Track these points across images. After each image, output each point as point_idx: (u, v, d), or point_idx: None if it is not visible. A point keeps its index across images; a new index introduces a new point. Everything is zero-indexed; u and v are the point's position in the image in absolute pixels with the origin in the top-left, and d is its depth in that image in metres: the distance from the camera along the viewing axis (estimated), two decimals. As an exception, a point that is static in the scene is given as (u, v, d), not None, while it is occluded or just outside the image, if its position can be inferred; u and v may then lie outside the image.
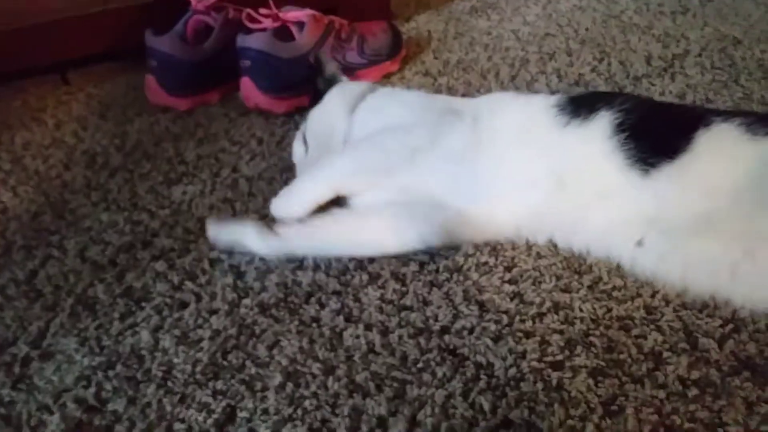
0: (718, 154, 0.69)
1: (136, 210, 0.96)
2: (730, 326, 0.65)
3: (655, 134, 0.73)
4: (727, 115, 0.72)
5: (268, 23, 1.20)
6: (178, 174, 1.04)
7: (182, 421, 0.63)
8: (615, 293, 0.71)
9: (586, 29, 1.44)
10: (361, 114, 0.95)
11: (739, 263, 0.65)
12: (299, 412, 0.62)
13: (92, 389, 0.67)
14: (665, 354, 0.63)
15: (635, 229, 0.71)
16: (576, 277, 0.74)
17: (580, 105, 0.78)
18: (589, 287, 0.72)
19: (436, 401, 0.61)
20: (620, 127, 0.73)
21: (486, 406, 0.60)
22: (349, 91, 0.99)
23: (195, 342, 0.71)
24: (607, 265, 0.75)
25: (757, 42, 1.28)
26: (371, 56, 1.29)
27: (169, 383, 0.67)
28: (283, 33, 1.20)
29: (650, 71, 1.21)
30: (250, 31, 1.19)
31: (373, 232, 0.80)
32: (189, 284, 0.80)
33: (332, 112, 0.98)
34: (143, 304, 0.78)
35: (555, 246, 0.79)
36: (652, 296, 0.70)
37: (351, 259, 0.80)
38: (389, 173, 0.83)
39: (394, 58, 1.33)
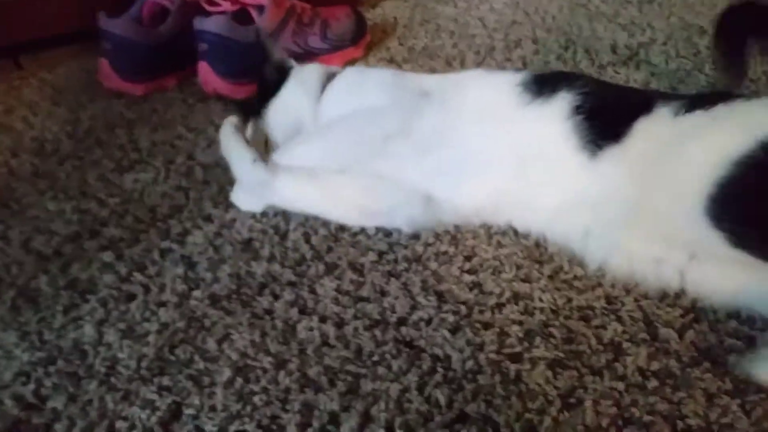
0: (648, 138, 0.68)
1: (85, 198, 0.92)
2: (691, 316, 0.64)
3: (607, 117, 0.71)
4: (674, 98, 0.71)
5: (226, 6, 1.17)
6: (130, 161, 1.01)
7: (125, 419, 0.60)
8: (575, 283, 0.69)
9: (553, 17, 1.43)
10: (333, 95, 0.92)
11: (686, 266, 0.65)
12: (248, 408, 0.59)
13: (31, 386, 0.64)
14: (625, 345, 0.62)
15: (584, 216, 0.70)
16: (537, 266, 0.72)
17: (543, 84, 0.76)
18: (550, 277, 0.71)
19: (391, 395, 0.59)
20: (577, 110, 0.72)
21: (442, 400, 0.58)
22: (308, 77, 0.96)
23: (141, 336, 0.68)
24: (568, 254, 0.73)
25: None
26: (334, 41, 1.26)
27: (113, 379, 0.64)
28: (242, 16, 1.16)
29: (615, 60, 1.20)
30: (208, 14, 1.15)
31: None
32: (137, 275, 0.76)
33: (296, 101, 0.94)
34: (88, 296, 0.74)
35: (516, 235, 0.77)
36: (613, 286, 0.69)
37: (308, 249, 0.78)
38: (360, 161, 0.81)
39: (357, 44, 1.30)
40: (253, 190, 0.84)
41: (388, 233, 0.79)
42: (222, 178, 0.93)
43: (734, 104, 0.65)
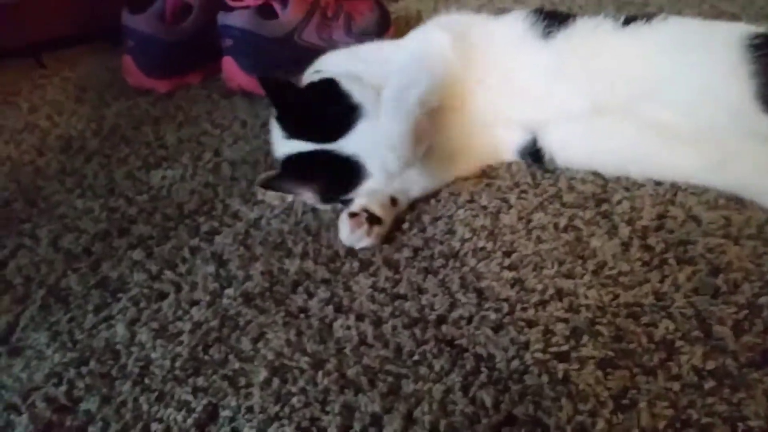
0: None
1: (113, 196, 0.91)
2: (745, 312, 0.61)
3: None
4: None
5: (250, 0, 1.14)
6: (157, 158, 0.99)
7: (160, 420, 0.58)
8: (621, 279, 0.67)
9: (580, 7, 1.40)
10: None
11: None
12: (286, 409, 0.57)
13: (63, 387, 0.63)
14: (678, 343, 0.59)
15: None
16: (579, 261, 0.70)
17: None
18: (594, 272, 0.68)
19: (434, 397, 0.56)
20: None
21: (488, 402, 0.55)
22: None
23: (174, 335, 0.67)
24: (612, 248, 0.70)
25: (755, 18, 1.24)
26: (358, 35, 1.24)
27: (146, 380, 0.62)
28: (266, 10, 1.14)
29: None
30: (231, 9, 1.13)
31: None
32: (168, 273, 0.75)
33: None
34: (119, 295, 0.73)
35: (556, 229, 0.74)
36: (661, 281, 0.66)
37: (341, 245, 0.76)
38: None
39: (382, 36, 1.28)
40: None
41: (422, 228, 0.77)
42: (249, 174, 0.91)
43: None
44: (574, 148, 0.82)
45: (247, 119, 1.07)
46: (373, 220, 0.75)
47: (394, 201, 0.80)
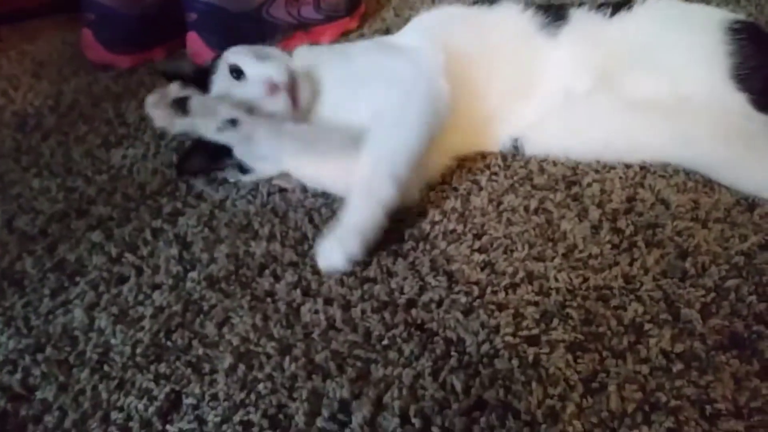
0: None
1: (71, 176, 0.88)
2: (713, 295, 0.61)
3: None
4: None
5: (216, -27, 1.11)
6: (118, 137, 0.96)
7: (120, 409, 0.56)
8: (591, 261, 0.66)
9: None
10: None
11: None
12: (252, 396, 0.56)
13: (18, 375, 0.60)
14: (646, 326, 0.59)
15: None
16: (550, 244, 0.69)
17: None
18: (564, 255, 0.67)
19: (404, 382, 0.56)
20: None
21: (458, 386, 0.55)
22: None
23: (135, 320, 0.64)
24: (582, 231, 0.70)
25: (725, 2, 1.24)
26: (328, 12, 1.21)
27: (106, 367, 0.60)
28: (232, -16, 1.11)
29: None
30: (196, -18, 1.09)
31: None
32: (129, 256, 0.72)
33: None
34: (77, 279, 0.70)
35: (526, 211, 0.74)
36: (630, 264, 0.66)
37: (310, 228, 0.74)
38: None
39: (353, 15, 1.25)
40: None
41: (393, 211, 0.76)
42: (215, 154, 0.89)
43: None
44: (551, 137, 0.82)
45: (212, 97, 1.04)
46: (179, 106, 0.73)
47: (233, 122, 0.74)
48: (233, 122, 0.72)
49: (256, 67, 0.78)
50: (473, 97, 0.81)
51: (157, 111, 0.72)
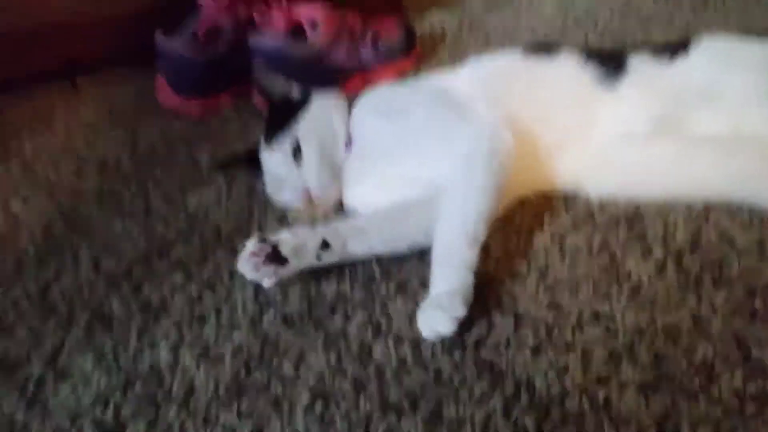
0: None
1: (151, 218, 0.93)
2: (784, 334, 0.62)
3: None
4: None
5: (280, 22, 1.17)
6: (192, 181, 1.01)
7: (207, 444, 0.59)
8: (658, 301, 0.67)
9: (605, 23, 1.40)
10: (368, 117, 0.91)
11: None
12: (331, 433, 0.58)
13: (110, 411, 0.64)
14: (718, 367, 0.59)
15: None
16: (615, 284, 0.70)
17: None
18: (630, 295, 0.68)
19: (476, 421, 0.57)
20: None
21: (530, 426, 0.56)
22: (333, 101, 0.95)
23: (217, 359, 0.68)
24: (647, 270, 0.71)
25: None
26: (386, 53, 1.25)
27: (191, 404, 0.63)
28: (296, 32, 1.16)
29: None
30: (262, 31, 1.15)
31: None
32: (208, 296, 0.76)
33: (330, 118, 0.92)
34: (161, 318, 0.75)
35: (590, 252, 0.75)
36: (698, 303, 0.66)
37: (377, 267, 0.77)
38: None
39: (409, 55, 1.29)
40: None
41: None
42: (284, 195, 0.93)
43: None
44: (611, 178, 0.83)
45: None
46: (274, 259, 0.74)
47: (325, 245, 0.76)
48: (326, 245, 0.76)
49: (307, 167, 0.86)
50: (531, 147, 0.83)
51: (255, 274, 0.74)
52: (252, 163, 0.93)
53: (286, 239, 0.75)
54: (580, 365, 0.61)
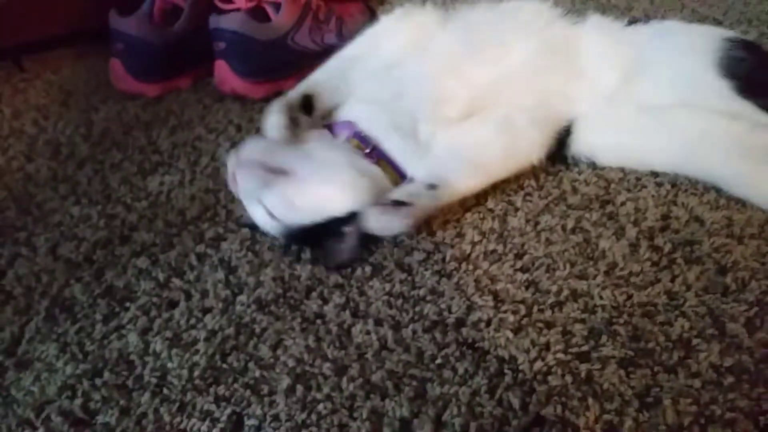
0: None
1: (110, 203, 0.89)
2: (755, 309, 0.63)
3: None
4: None
5: (241, 3, 1.13)
6: (152, 164, 0.97)
7: (184, 431, 0.57)
8: (633, 279, 0.68)
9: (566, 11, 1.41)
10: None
11: None
12: (313, 416, 0.57)
13: (78, 400, 0.61)
14: (694, 341, 0.60)
15: None
16: (590, 263, 0.71)
17: None
18: (606, 273, 0.69)
19: (461, 400, 0.57)
20: None
21: (515, 403, 0.56)
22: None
23: (189, 344, 0.66)
24: (621, 249, 0.72)
25: (738, 23, 1.27)
26: (349, 37, 1.23)
27: (165, 390, 0.61)
28: (258, 14, 1.13)
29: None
30: (222, 12, 1.12)
31: None
32: (176, 281, 0.74)
33: None
34: (127, 304, 0.72)
35: (564, 231, 0.75)
36: (672, 281, 0.67)
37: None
38: None
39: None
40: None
41: (431, 232, 0.77)
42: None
43: None
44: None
45: (241, 123, 1.06)
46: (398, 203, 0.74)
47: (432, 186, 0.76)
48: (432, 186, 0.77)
49: None
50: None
51: (388, 219, 0.73)
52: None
53: (394, 193, 0.76)
54: (561, 342, 0.61)
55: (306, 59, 1.15)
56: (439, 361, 0.61)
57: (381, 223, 0.72)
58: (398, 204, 0.73)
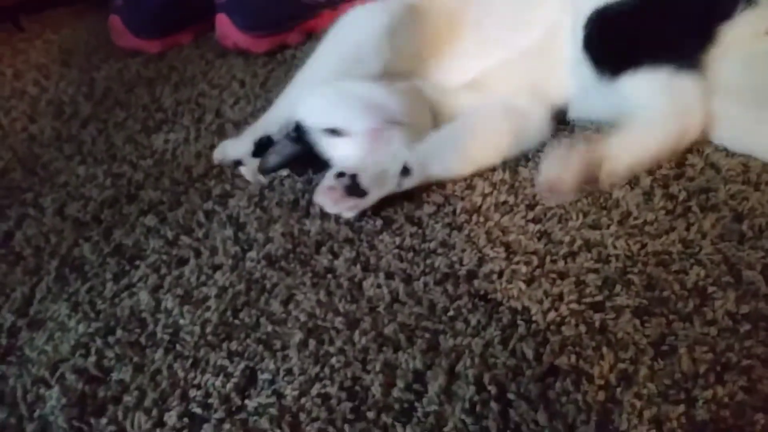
0: None
1: (116, 162, 0.88)
2: (773, 256, 0.62)
3: None
4: None
5: (242, -45, 1.10)
6: (156, 121, 0.96)
7: (198, 387, 0.57)
8: (647, 228, 0.67)
9: None
10: None
11: None
12: (327, 370, 0.57)
13: (92, 358, 0.61)
14: (710, 289, 0.60)
15: None
16: (604, 212, 0.70)
17: None
18: (619, 222, 0.68)
19: (474, 351, 0.56)
20: None
21: (529, 354, 0.56)
22: None
23: (201, 301, 0.65)
24: (634, 198, 0.70)
25: None
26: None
27: (178, 347, 0.61)
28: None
29: None
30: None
31: None
32: (185, 239, 0.73)
33: None
34: (137, 262, 0.71)
35: (576, 181, 0.74)
36: (687, 229, 0.66)
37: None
38: None
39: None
40: None
41: (441, 185, 0.76)
42: (256, 135, 0.89)
43: None
44: None
45: (245, 78, 1.04)
46: (354, 191, 0.71)
47: (406, 170, 0.74)
48: (406, 171, 0.74)
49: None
50: None
51: (335, 207, 0.72)
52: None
53: (365, 169, 0.72)
54: (575, 292, 0.61)
55: (309, 11, 1.13)
56: (451, 313, 0.60)
57: (324, 204, 0.72)
58: (353, 188, 0.71)
